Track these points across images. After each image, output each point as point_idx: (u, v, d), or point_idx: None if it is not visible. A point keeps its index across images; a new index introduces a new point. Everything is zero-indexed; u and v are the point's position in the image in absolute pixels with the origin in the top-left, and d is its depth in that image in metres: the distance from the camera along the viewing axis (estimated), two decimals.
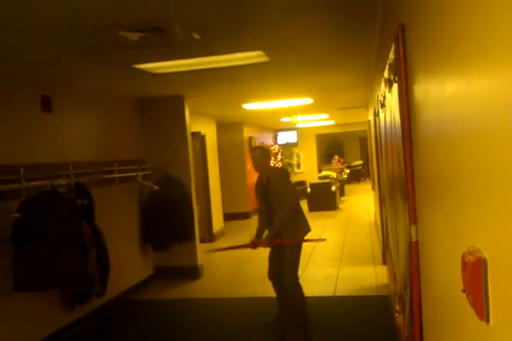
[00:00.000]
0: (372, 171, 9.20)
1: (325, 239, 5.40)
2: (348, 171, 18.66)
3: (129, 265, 5.74)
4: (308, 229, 4.22)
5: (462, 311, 1.11)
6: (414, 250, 2.05)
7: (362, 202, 13.25)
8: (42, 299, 4.09)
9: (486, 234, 0.92)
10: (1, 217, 3.72)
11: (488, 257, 0.89)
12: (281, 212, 4.03)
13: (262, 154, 4.35)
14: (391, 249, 4.15)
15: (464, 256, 1.01)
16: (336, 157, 19.83)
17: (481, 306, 0.92)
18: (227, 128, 10.86)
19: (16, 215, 3.72)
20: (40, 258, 3.78)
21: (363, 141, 19.91)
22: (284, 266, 4.13)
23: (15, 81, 4.16)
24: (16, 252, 3.77)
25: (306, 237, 4.21)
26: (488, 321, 0.90)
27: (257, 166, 4.31)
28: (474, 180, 1.00)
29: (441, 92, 1.29)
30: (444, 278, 1.41)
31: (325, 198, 12.22)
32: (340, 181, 14.67)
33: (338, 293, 5.29)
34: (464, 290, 1.03)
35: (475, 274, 0.93)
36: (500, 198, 0.81)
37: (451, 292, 1.22)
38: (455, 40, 1.08)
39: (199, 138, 8.55)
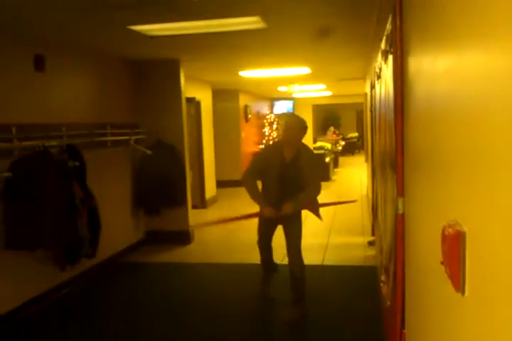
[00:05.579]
0: (367, 144, 9.20)
1: (355, 200, 5.41)
2: (343, 143, 18.64)
3: (120, 228, 5.79)
4: None
5: (440, 283, 1.13)
6: (400, 222, 2.08)
7: (355, 175, 13.31)
8: (33, 258, 4.13)
9: (466, 208, 0.94)
10: None
11: (467, 230, 0.91)
12: (314, 190, 3.94)
13: (299, 125, 3.90)
14: (379, 221, 4.20)
15: (444, 228, 1.02)
16: (332, 128, 19.75)
17: (457, 278, 0.94)
18: (222, 95, 10.75)
19: (6, 174, 3.71)
20: (30, 218, 3.80)
21: (360, 114, 19.79)
22: (292, 237, 4.07)
23: (7, 39, 4.08)
24: (5, 211, 3.79)
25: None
26: (463, 292, 0.92)
27: (289, 137, 3.85)
28: (458, 156, 1.01)
29: (433, 66, 1.28)
30: (426, 250, 1.43)
31: None
32: (334, 153, 14.67)
33: (327, 262, 5.38)
34: (442, 262, 1.05)
35: (453, 247, 0.95)
36: (481, 174, 0.82)
37: (432, 264, 1.24)
38: (449, 13, 1.06)
39: (194, 103, 8.47)
